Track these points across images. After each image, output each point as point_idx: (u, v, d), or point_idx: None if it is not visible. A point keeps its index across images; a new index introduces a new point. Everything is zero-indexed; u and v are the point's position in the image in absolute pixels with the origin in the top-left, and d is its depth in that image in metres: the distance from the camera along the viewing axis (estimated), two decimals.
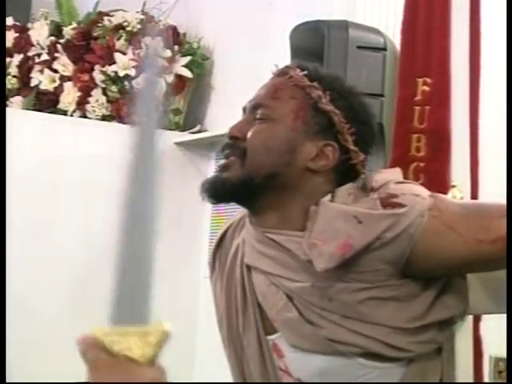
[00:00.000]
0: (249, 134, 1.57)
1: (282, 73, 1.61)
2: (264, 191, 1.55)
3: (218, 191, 1.58)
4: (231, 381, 1.68)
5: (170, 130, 3.50)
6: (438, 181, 1.67)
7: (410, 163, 1.72)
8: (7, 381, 1.59)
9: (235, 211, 1.77)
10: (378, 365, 1.51)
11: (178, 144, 3.48)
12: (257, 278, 1.58)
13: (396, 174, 1.59)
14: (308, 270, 1.50)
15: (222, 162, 1.59)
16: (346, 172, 1.58)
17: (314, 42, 2.35)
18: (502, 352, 1.90)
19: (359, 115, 1.59)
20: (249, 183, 1.55)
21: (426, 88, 1.80)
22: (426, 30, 1.82)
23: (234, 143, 1.58)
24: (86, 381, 0.81)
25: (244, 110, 1.62)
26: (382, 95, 2.29)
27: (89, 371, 0.82)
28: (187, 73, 3.48)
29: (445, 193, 1.70)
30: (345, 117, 1.57)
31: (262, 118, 1.57)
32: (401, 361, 1.52)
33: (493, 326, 1.83)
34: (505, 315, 1.59)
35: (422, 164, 1.76)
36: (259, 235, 1.58)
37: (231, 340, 1.64)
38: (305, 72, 1.59)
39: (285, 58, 2.32)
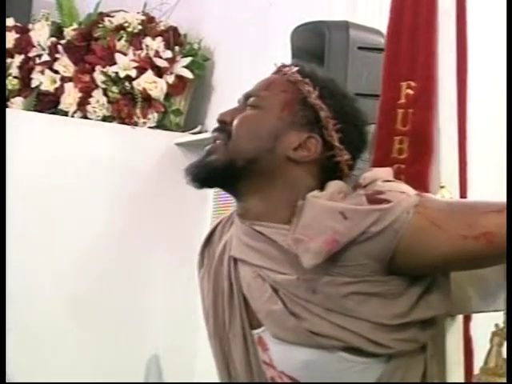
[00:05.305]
0: (236, 119, 1.60)
1: (278, 70, 1.68)
2: (246, 176, 1.58)
3: (201, 175, 1.60)
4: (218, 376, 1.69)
5: (171, 130, 3.51)
6: (419, 183, 1.67)
7: (391, 165, 1.72)
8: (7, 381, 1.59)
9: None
10: (358, 359, 1.52)
11: (179, 145, 3.48)
12: (243, 270, 1.60)
13: (385, 173, 1.62)
14: (294, 262, 1.51)
15: (209, 146, 1.62)
16: (330, 169, 1.60)
17: (314, 42, 2.35)
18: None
19: (348, 116, 1.61)
20: (231, 166, 1.58)
21: (410, 91, 1.80)
22: (411, 34, 1.82)
23: (222, 127, 1.62)
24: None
25: (238, 101, 1.67)
26: None
27: None
28: (188, 74, 3.49)
29: None
30: (333, 115, 1.60)
31: (251, 105, 1.62)
32: (382, 357, 1.53)
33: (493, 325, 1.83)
34: (501, 314, 1.60)
35: (403, 166, 1.76)
36: (246, 228, 1.60)
37: (217, 334, 1.66)
38: (298, 68, 1.64)
39: (285, 59, 2.31)
